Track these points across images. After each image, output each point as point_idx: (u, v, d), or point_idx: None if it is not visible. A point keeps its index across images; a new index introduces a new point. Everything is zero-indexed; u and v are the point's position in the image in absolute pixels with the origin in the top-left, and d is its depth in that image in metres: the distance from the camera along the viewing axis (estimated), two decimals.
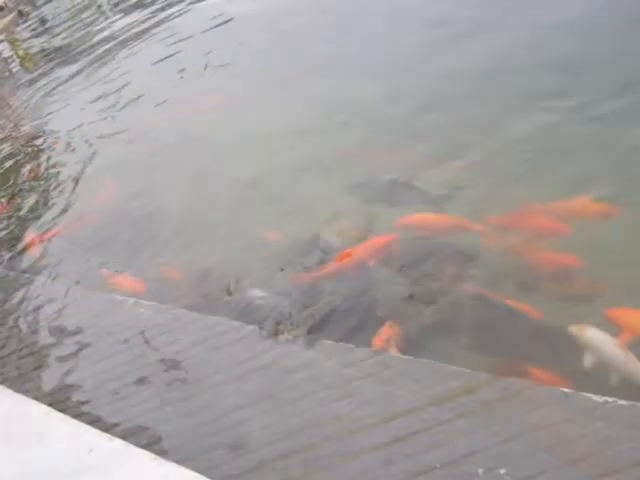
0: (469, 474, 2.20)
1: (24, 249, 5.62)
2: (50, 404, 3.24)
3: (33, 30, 15.98)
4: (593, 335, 2.82)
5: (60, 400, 3.31)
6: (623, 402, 2.26)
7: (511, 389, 2.46)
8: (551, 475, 2.11)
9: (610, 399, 2.28)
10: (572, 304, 3.18)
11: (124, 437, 2.85)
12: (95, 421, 3.05)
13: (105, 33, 11.81)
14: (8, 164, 8.00)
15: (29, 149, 8.25)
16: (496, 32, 5.84)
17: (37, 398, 3.34)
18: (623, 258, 3.26)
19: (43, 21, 16.74)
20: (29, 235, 5.84)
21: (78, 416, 3.10)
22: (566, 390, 2.40)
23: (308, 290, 3.69)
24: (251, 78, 7.23)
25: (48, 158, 7.59)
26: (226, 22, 9.17)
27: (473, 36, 5.90)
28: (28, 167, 7.61)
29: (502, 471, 2.17)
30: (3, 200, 6.92)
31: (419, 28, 6.48)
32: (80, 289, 4.43)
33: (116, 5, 14.00)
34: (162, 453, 2.71)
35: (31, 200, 6.62)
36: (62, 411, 3.15)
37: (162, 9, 11.36)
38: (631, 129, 4.07)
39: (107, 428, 2.96)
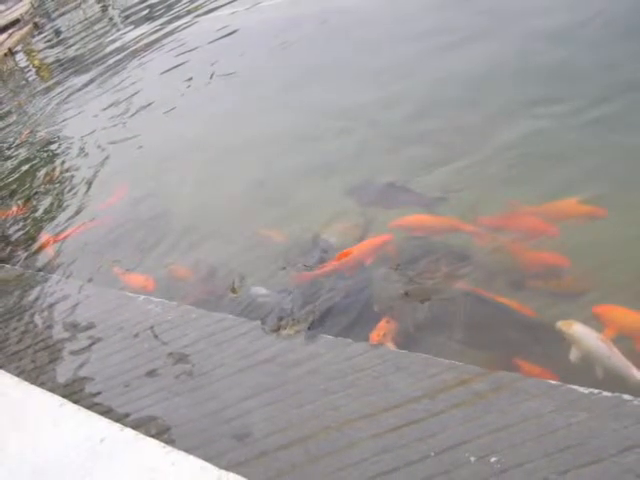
0: (461, 462, 2.21)
1: (39, 249, 5.64)
2: (64, 396, 3.24)
3: (48, 41, 15.97)
4: (579, 330, 2.82)
5: (74, 392, 3.32)
6: (607, 393, 2.26)
7: (502, 381, 2.46)
8: (539, 463, 2.11)
9: (595, 390, 2.29)
10: (560, 301, 3.18)
11: (134, 427, 2.85)
12: (107, 412, 3.05)
13: (116, 44, 11.82)
14: (24, 168, 8.02)
15: (44, 154, 8.26)
16: (490, 40, 5.84)
17: (52, 390, 3.35)
18: (608, 257, 3.27)
19: (57, 33, 16.74)
20: (44, 235, 5.86)
21: (91, 407, 3.10)
22: (553, 382, 2.40)
23: (308, 288, 3.69)
24: (254, 86, 7.24)
25: (62, 162, 7.61)
26: (231, 34, 9.18)
27: (468, 44, 5.91)
28: (43, 171, 7.63)
29: (493, 459, 2.18)
30: (20, 202, 6.94)
31: (415, 38, 6.48)
32: (93, 286, 4.43)
33: (127, 18, 14.01)
34: (170, 442, 2.72)
35: (46, 202, 6.64)
36: (76, 402, 3.15)
37: (170, 21, 11.37)
38: (617, 134, 4.07)
39: (118, 418, 2.96)
